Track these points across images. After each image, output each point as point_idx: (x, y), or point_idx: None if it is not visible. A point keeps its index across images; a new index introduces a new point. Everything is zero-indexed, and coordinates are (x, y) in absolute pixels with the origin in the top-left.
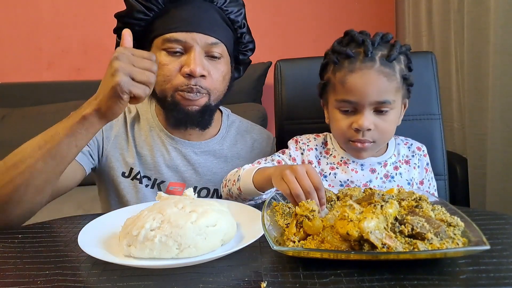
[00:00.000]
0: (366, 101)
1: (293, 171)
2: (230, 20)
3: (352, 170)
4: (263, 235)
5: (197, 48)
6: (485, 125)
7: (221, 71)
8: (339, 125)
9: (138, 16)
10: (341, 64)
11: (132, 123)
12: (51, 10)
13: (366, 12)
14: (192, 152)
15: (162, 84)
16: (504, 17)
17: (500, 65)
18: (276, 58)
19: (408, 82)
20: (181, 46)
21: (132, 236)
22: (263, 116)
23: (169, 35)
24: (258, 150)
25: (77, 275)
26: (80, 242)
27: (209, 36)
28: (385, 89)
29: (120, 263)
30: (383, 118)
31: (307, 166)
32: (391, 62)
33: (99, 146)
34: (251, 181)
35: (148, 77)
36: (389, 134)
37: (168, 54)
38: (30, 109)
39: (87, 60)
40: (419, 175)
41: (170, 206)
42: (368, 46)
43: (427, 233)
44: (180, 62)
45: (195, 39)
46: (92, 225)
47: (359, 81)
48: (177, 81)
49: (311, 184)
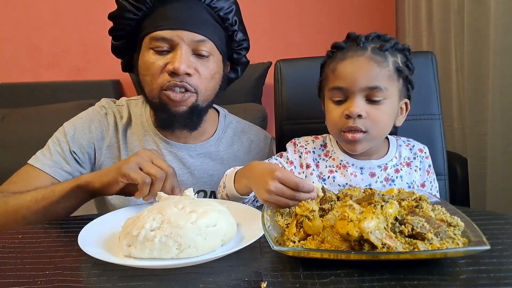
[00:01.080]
0: (356, 87)
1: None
2: (220, 17)
3: (351, 174)
4: (263, 235)
5: (184, 46)
6: (485, 125)
7: (210, 69)
8: (331, 115)
9: (128, 16)
10: (334, 56)
11: (124, 129)
12: (51, 11)
13: (366, 12)
14: (187, 155)
15: (149, 83)
16: (504, 17)
17: (500, 65)
18: (276, 58)
19: (403, 75)
20: (167, 44)
21: (132, 236)
22: (263, 116)
23: (155, 33)
24: (256, 151)
25: (77, 275)
26: (80, 242)
27: (196, 34)
28: (376, 75)
29: (120, 263)
30: (375, 107)
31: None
32: (383, 52)
33: (90, 158)
34: (233, 187)
35: (156, 171)
36: (382, 125)
37: (155, 53)
38: (30, 109)
39: (86, 61)
40: (420, 178)
41: (170, 207)
42: (361, 38)
43: (427, 233)
44: (165, 60)
45: (181, 37)
46: (92, 225)
47: (349, 67)
48: (161, 79)
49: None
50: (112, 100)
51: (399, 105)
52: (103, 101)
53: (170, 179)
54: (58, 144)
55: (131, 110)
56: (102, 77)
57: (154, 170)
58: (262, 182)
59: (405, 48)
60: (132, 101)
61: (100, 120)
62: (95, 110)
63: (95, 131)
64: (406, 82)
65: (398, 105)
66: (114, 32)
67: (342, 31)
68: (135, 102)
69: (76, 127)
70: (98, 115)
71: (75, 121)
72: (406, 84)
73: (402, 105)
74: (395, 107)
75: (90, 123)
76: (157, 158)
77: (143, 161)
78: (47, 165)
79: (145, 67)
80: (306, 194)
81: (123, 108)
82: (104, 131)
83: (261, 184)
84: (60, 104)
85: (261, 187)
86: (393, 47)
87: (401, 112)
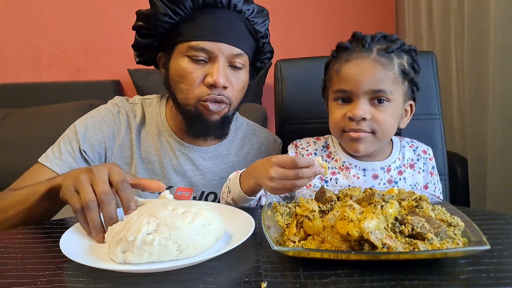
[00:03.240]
0: (360, 90)
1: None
2: (254, 30)
3: (354, 176)
4: (261, 231)
5: (222, 59)
6: (485, 125)
7: (241, 81)
8: (334, 116)
9: (163, 19)
10: (339, 57)
11: (138, 129)
12: (51, 11)
13: (366, 12)
14: (200, 158)
15: (185, 92)
16: (504, 17)
17: (500, 65)
18: (276, 58)
19: (409, 78)
20: (206, 55)
21: (128, 242)
22: (263, 116)
23: (195, 43)
24: (265, 153)
25: (77, 276)
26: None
27: (234, 47)
28: (381, 78)
29: (121, 269)
30: (380, 109)
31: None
32: (388, 54)
33: (100, 157)
34: (239, 190)
35: (86, 197)
36: (388, 128)
37: (192, 61)
38: (31, 109)
39: (87, 61)
40: (423, 179)
41: (160, 209)
42: (366, 39)
43: (427, 233)
44: (203, 71)
45: (220, 49)
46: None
47: (354, 69)
48: (199, 90)
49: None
50: (125, 98)
51: (403, 107)
52: (116, 98)
53: (103, 205)
54: (69, 143)
55: (146, 110)
56: (102, 78)
57: (83, 196)
58: (263, 173)
59: (412, 49)
60: (146, 100)
61: (112, 119)
62: (107, 108)
63: (107, 130)
64: (412, 84)
65: (402, 108)
66: (142, 30)
67: (342, 31)
68: (149, 102)
69: (87, 125)
70: (110, 113)
71: (86, 119)
72: (412, 86)
73: (407, 107)
74: (399, 109)
75: (102, 122)
76: (98, 181)
77: (80, 184)
78: (56, 164)
79: (180, 74)
80: (309, 169)
81: (136, 107)
82: (115, 130)
83: (263, 176)
84: (61, 104)
85: (264, 178)
86: (399, 48)
87: (405, 114)
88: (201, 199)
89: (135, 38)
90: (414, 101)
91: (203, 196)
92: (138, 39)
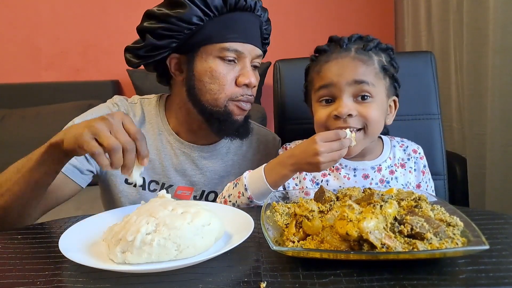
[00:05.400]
0: (342, 83)
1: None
2: (262, 35)
3: (344, 177)
4: (260, 231)
5: (248, 59)
6: (484, 125)
7: (258, 80)
8: (318, 116)
9: (193, 21)
10: (318, 60)
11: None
12: (50, 11)
13: (365, 12)
14: (200, 156)
15: (216, 92)
16: (503, 17)
17: (499, 65)
18: (275, 58)
19: (389, 74)
20: (235, 55)
21: (127, 242)
22: (262, 116)
23: (229, 44)
24: (264, 152)
25: (76, 276)
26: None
27: (257, 48)
28: (363, 71)
29: (120, 270)
30: (364, 105)
31: (121, 116)
32: (367, 51)
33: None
34: (265, 183)
35: (109, 143)
36: (375, 123)
37: (224, 62)
38: (29, 109)
39: (86, 61)
40: (415, 179)
41: (160, 209)
42: (344, 40)
43: (427, 233)
44: (235, 72)
45: (248, 50)
46: (73, 231)
47: (334, 67)
48: (231, 90)
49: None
50: (124, 98)
51: (387, 103)
52: (115, 98)
53: (128, 153)
54: None
55: (145, 109)
56: (101, 78)
57: (107, 141)
58: (307, 154)
59: (389, 47)
60: (145, 100)
61: None
62: (106, 107)
63: None
64: (393, 80)
65: (387, 103)
66: (159, 30)
67: (341, 31)
68: (148, 101)
69: None
70: (110, 111)
71: (85, 116)
72: (393, 83)
73: (391, 102)
74: (384, 104)
75: None
76: (119, 130)
77: (100, 130)
78: None
79: (212, 76)
80: (347, 139)
81: (136, 106)
82: None
83: (308, 156)
84: (60, 104)
85: (310, 157)
86: (376, 46)
87: (390, 110)
88: (202, 199)
89: (150, 41)
90: (397, 97)
91: (203, 195)
92: (153, 42)
